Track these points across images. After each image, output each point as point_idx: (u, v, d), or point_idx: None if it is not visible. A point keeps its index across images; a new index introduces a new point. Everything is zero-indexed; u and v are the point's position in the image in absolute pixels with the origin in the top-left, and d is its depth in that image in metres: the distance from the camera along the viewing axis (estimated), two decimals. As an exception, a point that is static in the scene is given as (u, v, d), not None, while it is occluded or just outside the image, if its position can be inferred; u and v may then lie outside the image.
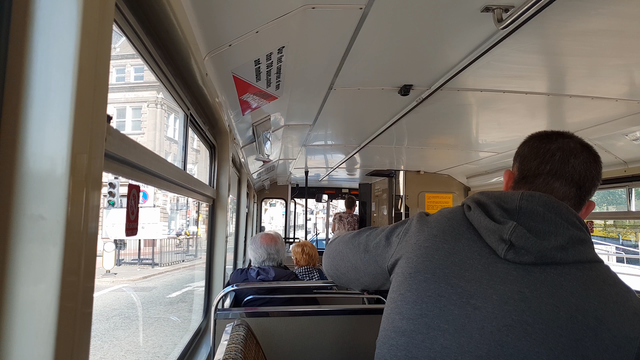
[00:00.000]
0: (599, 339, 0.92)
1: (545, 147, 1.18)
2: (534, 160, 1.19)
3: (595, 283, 0.99)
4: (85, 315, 0.66)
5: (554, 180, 1.14)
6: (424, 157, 5.45)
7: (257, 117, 3.02)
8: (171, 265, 20.36)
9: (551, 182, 1.15)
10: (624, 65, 2.07)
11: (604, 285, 0.99)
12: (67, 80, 0.58)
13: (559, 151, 1.16)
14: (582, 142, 1.19)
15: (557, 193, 1.14)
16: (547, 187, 1.15)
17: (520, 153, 1.25)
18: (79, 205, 0.61)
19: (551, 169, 1.15)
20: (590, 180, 1.14)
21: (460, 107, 2.97)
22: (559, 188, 1.14)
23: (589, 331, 0.92)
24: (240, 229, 5.34)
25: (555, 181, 1.14)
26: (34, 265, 0.57)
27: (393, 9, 1.61)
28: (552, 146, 1.18)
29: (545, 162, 1.16)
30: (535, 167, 1.18)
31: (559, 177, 1.14)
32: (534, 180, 1.17)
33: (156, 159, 1.34)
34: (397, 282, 1.14)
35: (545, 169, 1.16)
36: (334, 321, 2.21)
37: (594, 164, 1.16)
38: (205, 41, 1.63)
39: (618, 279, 1.04)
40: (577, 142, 1.18)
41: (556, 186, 1.14)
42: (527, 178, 1.19)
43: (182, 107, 1.92)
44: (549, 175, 1.15)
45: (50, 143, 0.58)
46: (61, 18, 0.59)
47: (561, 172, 1.14)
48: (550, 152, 1.17)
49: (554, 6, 1.47)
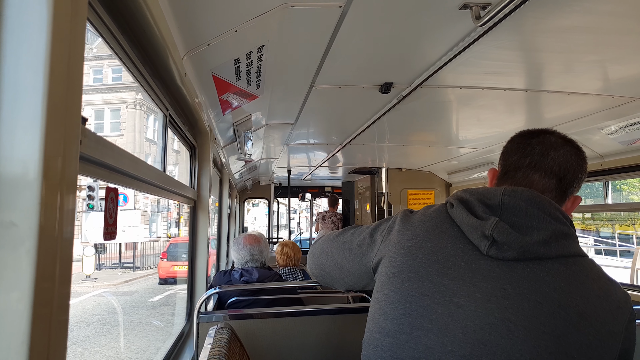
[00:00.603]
0: (581, 334, 0.92)
1: (526, 142, 1.19)
2: (514, 155, 1.19)
3: (578, 278, 0.98)
4: (61, 323, 0.63)
5: (533, 172, 1.14)
6: (405, 154, 5.48)
7: (238, 117, 2.99)
8: (153, 268, 20.10)
9: (530, 175, 1.14)
10: (599, 61, 2.10)
11: (587, 279, 0.99)
12: (38, 81, 0.56)
13: (539, 145, 1.16)
14: (565, 138, 1.19)
15: (537, 185, 1.13)
16: (526, 180, 1.15)
17: (504, 150, 1.25)
18: (52, 210, 0.59)
19: (530, 161, 1.15)
20: (571, 172, 1.14)
21: (440, 104, 3.00)
22: (538, 180, 1.14)
23: (571, 327, 0.92)
24: (223, 230, 5.30)
25: (535, 173, 1.14)
26: (6, 273, 0.55)
27: (372, 8, 1.61)
28: (532, 141, 1.18)
29: (525, 156, 1.16)
30: (515, 161, 1.18)
31: (537, 170, 1.14)
32: (514, 175, 1.17)
33: (134, 161, 1.31)
34: (381, 282, 1.13)
35: (525, 162, 1.16)
36: (319, 321, 2.20)
37: (576, 157, 1.15)
38: (184, 40, 1.60)
39: (602, 273, 1.04)
40: (558, 137, 1.18)
41: (535, 178, 1.14)
42: (509, 173, 1.19)
43: (161, 107, 1.89)
44: (528, 167, 1.15)
45: (21, 146, 0.56)
46: (31, 16, 0.56)
47: (540, 165, 1.14)
48: (530, 146, 1.17)
49: (530, 3, 1.48)
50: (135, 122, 26.79)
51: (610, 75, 2.28)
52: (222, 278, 2.83)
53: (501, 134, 3.82)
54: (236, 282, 2.76)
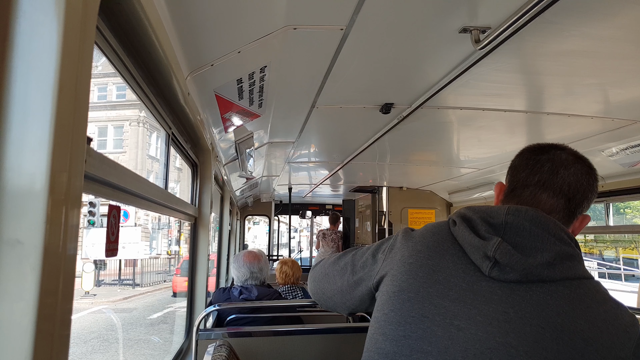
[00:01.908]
0: None
1: (536, 158, 1.14)
2: (523, 171, 1.15)
3: (583, 301, 0.95)
4: (63, 338, 0.64)
5: (541, 191, 1.10)
6: (406, 174, 5.49)
7: (240, 135, 3.02)
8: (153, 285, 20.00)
9: (538, 194, 1.10)
10: (598, 84, 2.13)
11: (592, 303, 0.95)
12: (47, 105, 0.58)
13: (549, 162, 1.11)
14: (577, 155, 1.13)
15: (545, 205, 1.09)
16: (534, 199, 1.10)
17: (512, 165, 1.20)
18: (57, 228, 0.60)
19: (539, 179, 1.10)
20: (581, 192, 1.09)
21: (440, 124, 3.02)
22: (546, 200, 1.09)
23: (575, 353, 0.89)
24: (223, 247, 5.29)
25: (543, 192, 1.09)
26: (10, 288, 0.56)
27: (373, 30, 1.64)
28: (542, 157, 1.13)
29: (534, 173, 1.12)
30: (524, 178, 1.14)
31: (546, 189, 1.09)
32: (521, 193, 1.13)
33: (137, 179, 1.33)
34: (382, 301, 1.10)
35: (534, 180, 1.11)
36: (318, 340, 2.19)
37: (587, 176, 1.10)
38: (187, 61, 1.63)
39: (608, 296, 1.00)
40: (569, 154, 1.13)
41: (543, 198, 1.09)
42: (516, 190, 1.15)
43: (164, 126, 1.91)
44: (536, 186, 1.10)
45: (29, 166, 0.57)
46: (41, 43, 0.59)
47: (549, 183, 1.09)
48: (539, 163, 1.12)
49: (529, 28, 1.51)
50: (138, 139, 26.93)
51: (610, 98, 2.30)
52: (221, 295, 2.82)
53: (502, 154, 3.84)
54: (235, 299, 2.75)
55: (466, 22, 1.57)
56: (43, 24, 0.59)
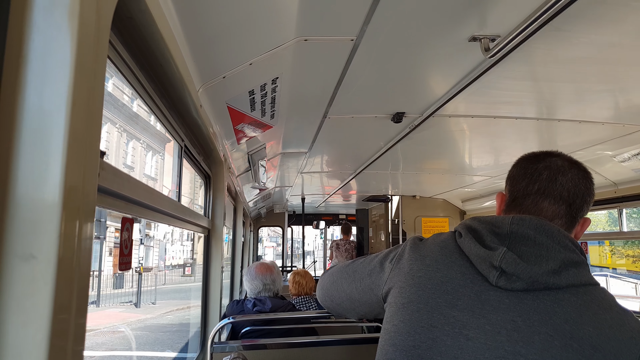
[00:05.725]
0: None
1: (533, 167, 1.17)
2: (522, 181, 1.17)
3: (590, 308, 0.96)
4: (77, 353, 0.64)
5: (542, 199, 1.12)
6: (419, 182, 5.47)
7: (253, 146, 3.04)
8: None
9: (540, 202, 1.12)
10: (608, 91, 2.11)
11: (599, 309, 0.96)
12: (60, 119, 0.59)
13: (546, 170, 1.14)
14: (571, 160, 1.17)
15: (547, 212, 1.12)
16: (535, 207, 1.13)
17: (510, 175, 1.23)
18: (71, 243, 0.60)
19: (539, 188, 1.13)
20: (580, 197, 1.12)
21: (452, 132, 3.01)
22: (547, 207, 1.12)
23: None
24: (237, 259, 5.29)
25: (544, 200, 1.12)
26: (24, 304, 0.56)
27: (383, 40, 1.64)
28: (539, 165, 1.16)
29: (533, 182, 1.14)
30: (523, 187, 1.16)
31: (547, 196, 1.12)
32: (523, 202, 1.15)
33: (150, 192, 1.34)
34: (391, 313, 1.12)
35: (534, 189, 1.14)
36: (333, 352, 2.18)
37: (584, 180, 1.13)
38: (200, 73, 1.65)
39: (614, 302, 1.01)
40: (565, 160, 1.16)
41: (545, 205, 1.12)
42: (517, 200, 1.17)
43: (177, 138, 1.93)
44: (537, 194, 1.13)
45: (43, 181, 0.58)
46: (55, 58, 0.60)
47: (549, 191, 1.12)
48: (537, 172, 1.15)
49: (538, 35, 1.51)
50: (152, 151, 27.21)
51: (621, 104, 2.29)
52: (235, 307, 2.82)
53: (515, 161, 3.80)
54: (249, 311, 2.74)
55: (475, 31, 1.57)
56: (57, 40, 0.60)
